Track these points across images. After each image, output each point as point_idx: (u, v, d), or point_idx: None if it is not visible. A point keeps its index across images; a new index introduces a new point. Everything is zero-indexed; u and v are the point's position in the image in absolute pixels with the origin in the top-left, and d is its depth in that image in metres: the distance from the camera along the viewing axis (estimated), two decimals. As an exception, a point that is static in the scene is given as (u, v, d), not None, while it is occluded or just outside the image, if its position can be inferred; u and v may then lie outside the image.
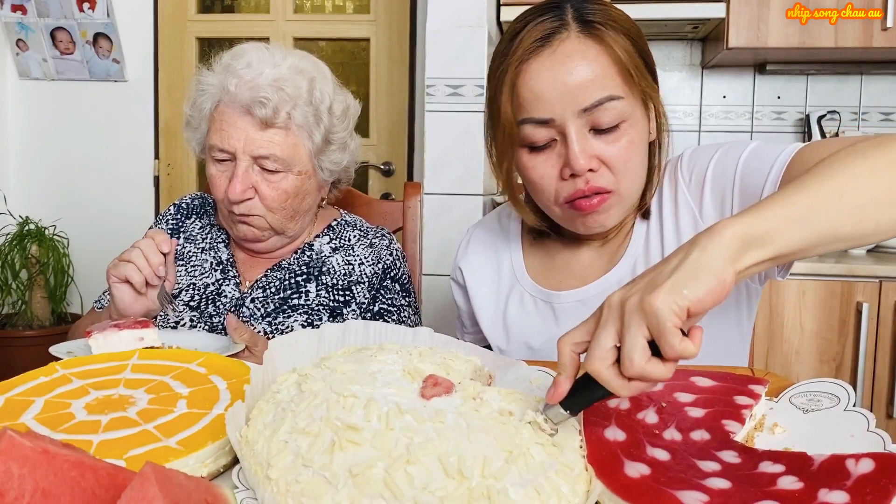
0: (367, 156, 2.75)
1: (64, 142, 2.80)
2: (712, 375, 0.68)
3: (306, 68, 1.17)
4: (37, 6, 2.64)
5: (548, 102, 0.88)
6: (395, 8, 2.68)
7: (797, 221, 0.60)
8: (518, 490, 0.48)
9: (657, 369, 0.54)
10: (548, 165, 0.92)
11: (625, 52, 0.88)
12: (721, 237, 0.57)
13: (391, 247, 1.28)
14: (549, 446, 0.54)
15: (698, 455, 0.54)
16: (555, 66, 0.87)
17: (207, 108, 1.16)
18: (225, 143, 1.12)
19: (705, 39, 2.58)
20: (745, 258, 0.58)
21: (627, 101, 0.89)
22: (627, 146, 0.90)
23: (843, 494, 0.47)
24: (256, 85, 1.10)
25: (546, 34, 0.89)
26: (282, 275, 1.22)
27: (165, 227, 1.32)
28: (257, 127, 1.12)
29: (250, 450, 0.54)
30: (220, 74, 1.14)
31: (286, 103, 1.11)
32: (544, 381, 0.70)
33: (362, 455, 0.50)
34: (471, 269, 1.14)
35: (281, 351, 0.70)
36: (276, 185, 1.14)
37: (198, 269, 1.24)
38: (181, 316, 1.19)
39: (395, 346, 0.73)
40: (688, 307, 0.53)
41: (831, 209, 0.62)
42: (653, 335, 0.53)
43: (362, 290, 1.22)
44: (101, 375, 0.74)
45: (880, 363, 2.01)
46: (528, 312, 1.07)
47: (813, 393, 0.66)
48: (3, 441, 0.42)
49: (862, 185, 0.64)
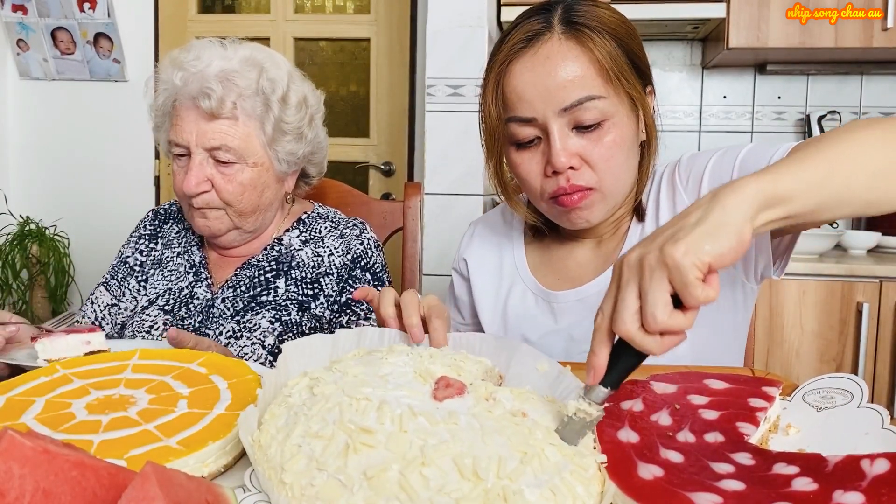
0: (368, 156, 2.75)
1: (64, 142, 2.80)
2: (726, 378, 0.68)
3: (258, 59, 1.17)
4: (37, 6, 2.63)
5: (530, 102, 0.91)
6: (395, 8, 2.68)
7: (816, 183, 0.62)
8: (534, 491, 0.48)
9: (680, 320, 0.55)
10: (533, 163, 0.95)
11: (608, 53, 0.90)
12: (744, 194, 0.58)
13: (362, 236, 1.27)
14: (563, 447, 0.54)
15: (712, 457, 0.54)
16: (535, 67, 0.90)
17: (163, 103, 1.17)
18: (178, 138, 1.13)
19: (706, 39, 2.58)
20: (762, 216, 0.59)
21: (610, 100, 0.91)
22: (609, 145, 0.91)
23: (859, 495, 0.47)
24: (203, 76, 1.11)
25: (529, 36, 0.92)
26: (251, 272, 1.21)
27: (144, 233, 1.33)
28: (205, 119, 1.12)
29: (263, 454, 0.54)
30: (169, 69, 1.15)
31: (231, 93, 1.12)
32: (551, 367, 0.70)
33: (377, 457, 0.50)
34: (475, 261, 1.16)
35: (294, 355, 0.70)
36: (232, 177, 1.14)
37: (174, 274, 1.25)
38: (155, 321, 1.18)
39: (405, 349, 0.73)
40: (709, 262, 0.54)
41: (847, 173, 0.64)
42: (676, 288, 0.54)
43: (331, 281, 1.21)
44: (101, 375, 0.74)
45: (880, 363, 2.02)
46: (527, 307, 1.08)
47: (826, 389, 0.66)
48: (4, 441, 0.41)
49: (876, 153, 0.66)
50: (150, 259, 1.29)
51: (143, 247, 1.31)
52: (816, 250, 2.12)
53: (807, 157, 0.64)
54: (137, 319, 1.19)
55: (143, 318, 1.19)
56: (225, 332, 1.15)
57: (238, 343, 1.14)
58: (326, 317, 1.20)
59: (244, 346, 1.14)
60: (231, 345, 1.14)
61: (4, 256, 2.58)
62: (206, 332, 1.16)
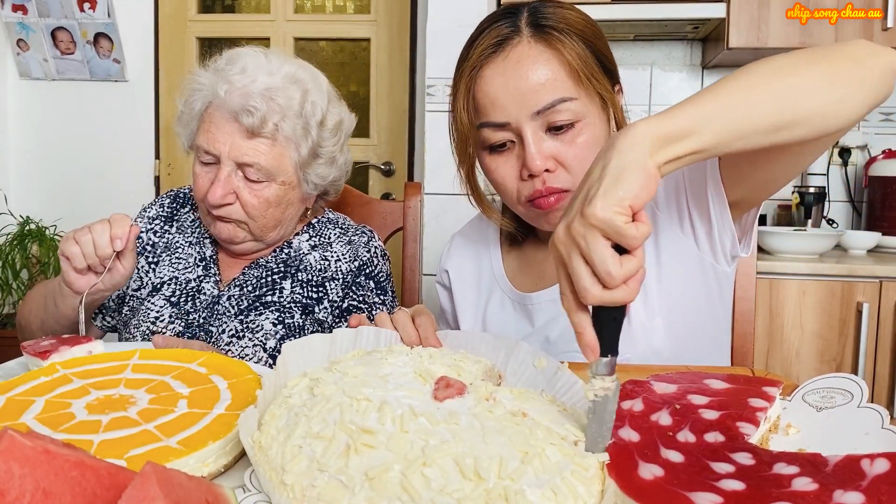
0: (368, 156, 2.75)
1: (64, 142, 2.80)
2: (726, 378, 0.68)
3: (302, 78, 1.16)
4: (37, 6, 2.63)
5: (503, 107, 0.91)
6: (395, 8, 2.68)
7: (715, 114, 0.64)
8: (535, 491, 0.48)
9: (633, 263, 0.56)
10: (508, 167, 0.95)
11: (577, 55, 0.91)
12: (635, 138, 0.60)
13: (370, 244, 1.27)
14: (564, 446, 0.54)
15: (712, 457, 0.54)
16: (507, 71, 0.91)
17: (198, 107, 1.16)
18: (211, 146, 1.12)
19: (706, 39, 2.58)
20: (664, 152, 0.61)
21: (581, 101, 0.92)
22: (583, 146, 0.92)
23: (859, 495, 0.47)
24: (247, 92, 1.09)
25: (498, 40, 0.92)
26: (259, 273, 1.21)
27: (161, 213, 1.30)
28: (244, 135, 1.11)
29: (264, 455, 0.54)
30: (213, 76, 1.14)
31: (275, 114, 1.10)
32: (548, 364, 0.71)
33: (378, 458, 0.50)
34: (455, 272, 1.17)
35: (293, 355, 0.70)
36: (258, 193, 1.14)
37: (182, 263, 1.24)
38: (161, 312, 1.18)
39: (405, 349, 0.73)
40: (629, 204, 0.56)
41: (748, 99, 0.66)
42: (612, 239, 0.56)
43: (336, 286, 1.21)
44: (101, 375, 0.74)
45: (881, 363, 2.02)
46: (506, 314, 1.09)
47: (826, 389, 0.66)
48: (4, 441, 0.42)
49: (779, 77, 0.67)
50: (163, 241, 1.27)
51: (158, 227, 1.29)
52: (816, 250, 2.12)
53: (703, 94, 0.66)
54: (143, 309, 1.19)
55: (148, 306, 1.19)
56: (228, 331, 1.15)
57: (240, 343, 1.14)
58: (329, 322, 1.20)
59: (245, 346, 1.14)
60: (233, 344, 1.14)
61: (4, 256, 2.58)
62: (210, 328, 1.16)
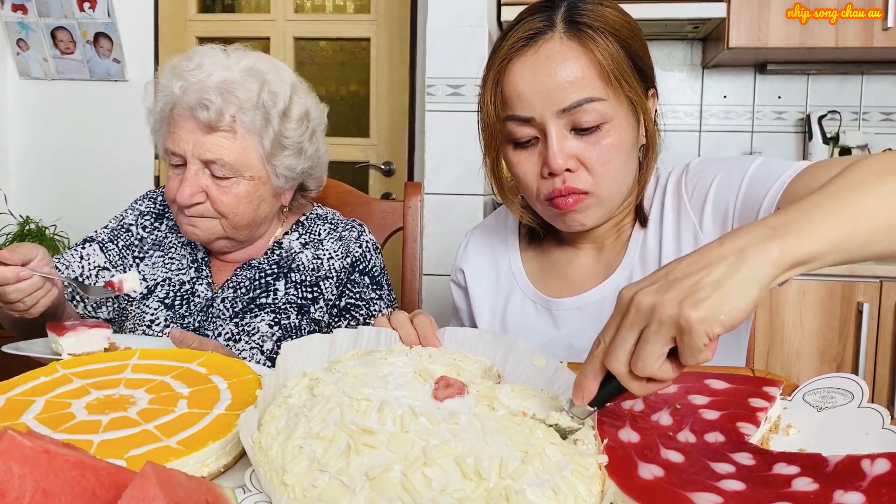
0: (367, 156, 2.75)
1: (64, 142, 2.79)
2: (726, 378, 0.68)
3: (261, 69, 1.14)
4: (37, 6, 2.63)
5: (528, 102, 0.89)
6: (395, 8, 2.68)
7: (839, 242, 0.58)
8: (536, 490, 0.48)
9: (668, 373, 0.54)
10: (530, 163, 0.93)
11: (609, 55, 0.88)
12: (767, 257, 0.55)
13: (361, 238, 1.26)
14: (564, 446, 0.54)
15: (712, 457, 0.54)
16: (536, 66, 0.89)
17: (162, 109, 1.15)
18: (175, 147, 1.11)
19: (706, 39, 2.58)
20: (785, 275, 0.57)
21: (610, 103, 0.89)
22: (608, 148, 0.90)
23: (859, 496, 0.47)
24: (202, 87, 1.08)
25: (531, 34, 0.90)
26: (252, 274, 1.21)
27: (152, 209, 1.30)
28: (203, 130, 1.09)
29: (264, 455, 0.54)
30: (170, 75, 1.12)
31: (231, 106, 1.09)
32: (548, 363, 0.71)
33: (378, 458, 0.50)
34: (471, 271, 1.15)
35: (292, 355, 0.70)
36: (228, 189, 1.12)
37: (175, 264, 1.23)
38: (156, 315, 1.18)
39: (404, 349, 0.73)
40: (720, 331, 0.52)
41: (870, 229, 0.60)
42: (679, 347, 0.53)
43: (330, 285, 1.21)
44: (101, 375, 0.74)
45: (881, 363, 2.02)
46: (527, 315, 1.07)
47: (826, 389, 0.66)
48: (4, 441, 0.42)
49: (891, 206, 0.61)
50: (152, 238, 1.26)
51: (147, 223, 1.28)
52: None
53: (830, 211, 0.59)
54: (138, 312, 1.18)
55: (143, 309, 1.18)
56: (224, 335, 1.15)
57: (237, 346, 1.14)
58: (325, 321, 1.20)
59: (242, 349, 1.14)
60: (230, 348, 1.13)
61: (4, 256, 2.58)
62: (206, 332, 1.15)
